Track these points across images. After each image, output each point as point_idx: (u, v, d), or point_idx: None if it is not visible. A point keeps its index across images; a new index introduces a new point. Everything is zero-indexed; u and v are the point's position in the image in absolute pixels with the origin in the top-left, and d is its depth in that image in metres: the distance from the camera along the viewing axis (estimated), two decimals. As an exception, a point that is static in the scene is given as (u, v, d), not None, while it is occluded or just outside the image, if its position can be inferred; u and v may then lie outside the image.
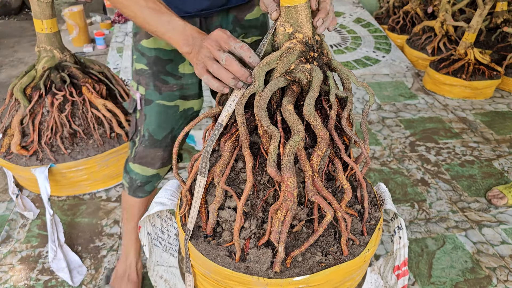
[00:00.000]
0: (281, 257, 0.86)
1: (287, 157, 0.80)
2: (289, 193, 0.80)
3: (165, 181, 1.99)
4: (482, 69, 2.96)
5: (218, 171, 0.89)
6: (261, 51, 0.88)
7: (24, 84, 1.83)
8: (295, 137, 0.80)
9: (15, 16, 5.49)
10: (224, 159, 0.88)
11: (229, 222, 0.95)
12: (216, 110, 0.93)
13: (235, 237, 0.88)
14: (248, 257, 0.92)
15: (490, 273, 1.58)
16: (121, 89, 2.04)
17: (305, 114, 0.83)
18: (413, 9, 4.01)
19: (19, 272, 1.57)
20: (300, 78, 0.85)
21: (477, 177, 2.14)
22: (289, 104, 0.83)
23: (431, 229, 1.79)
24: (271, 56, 0.84)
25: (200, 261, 0.96)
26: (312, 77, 0.85)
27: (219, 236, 0.97)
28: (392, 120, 2.71)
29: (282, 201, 0.81)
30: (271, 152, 0.80)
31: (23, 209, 1.84)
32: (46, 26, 1.78)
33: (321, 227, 0.85)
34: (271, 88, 0.83)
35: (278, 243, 0.83)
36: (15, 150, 1.81)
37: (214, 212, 0.93)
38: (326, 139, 0.83)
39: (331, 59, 0.90)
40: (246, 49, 0.83)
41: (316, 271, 0.89)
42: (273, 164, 0.80)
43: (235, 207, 0.96)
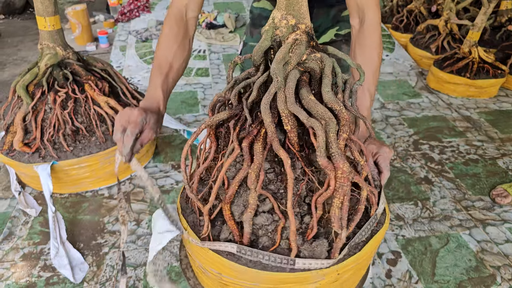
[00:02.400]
0: (342, 242, 0.87)
1: (334, 144, 0.82)
2: (345, 179, 0.81)
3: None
4: (486, 68, 2.94)
5: (254, 176, 0.87)
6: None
7: (27, 81, 1.83)
8: (332, 125, 0.82)
9: (19, 15, 5.50)
10: (257, 163, 0.86)
11: (265, 227, 0.94)
12: (215, 119, 0.94)
13: (291, 238, 0.88)
14: (302, 253, 0.91)
15: (494, 272, 1.57)
16: (123, 86, 2.04)
17: (328, 101, 0.85)
18: (417, 7, 3.99)
19: (21, 269, 1.57)
20: (313, 68, 0.87)
21: (481, 175, 2.13)
22: (310, 94, 0.85)
23: (435, 227, 1.78)
24: (283, 50, 0.84)
25: (246, 276, 0.94)
26: (324, 64, 0.86)
27: (255, 244, 0.96)
28: (395, 119, 2.69)
29: (338, 187, 0.82)
30: (321, 143, 0.81)
31: (26, 206, 1.84)
32: (49, 23, 1.78)
33: (362, 204, 0.89)
34: (293, 82, 0.84)
35: (342, 229, 0.85)
36: (17, 147, 1.81)
37: (250, 221, 0.91)
38: (349, 122, 0.86)
39: (325, 46, 0.91)
40: (126, 140, 1.12)
41: (361, 247, 0.94)
42: (324, 155, 0.81)
43: (270, 210, 0.95)
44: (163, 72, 1.30)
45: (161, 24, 4.08)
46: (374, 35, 1.23)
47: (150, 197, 1.93)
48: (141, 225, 1.77)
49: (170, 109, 2.78)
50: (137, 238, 1.71)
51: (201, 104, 2.86)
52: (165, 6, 4.56)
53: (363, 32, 1.23)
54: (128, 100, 2.03)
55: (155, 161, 2.20)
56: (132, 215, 1.83)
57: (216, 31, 4.04)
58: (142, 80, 3.22)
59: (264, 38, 0.87)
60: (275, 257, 0.89)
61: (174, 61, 1.31)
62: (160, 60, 1.31)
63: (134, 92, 2.11)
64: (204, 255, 1.00)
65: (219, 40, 3.91)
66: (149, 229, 1.75)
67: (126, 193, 1.97)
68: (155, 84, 1.29)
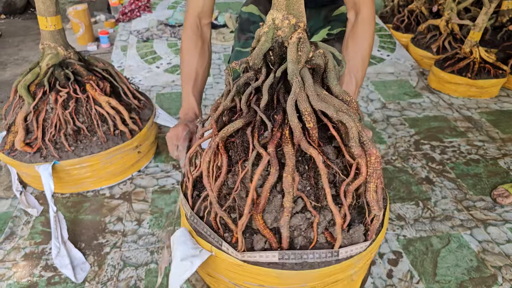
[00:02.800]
0: (379, 222, 0.93)
1: (363, 133, 0.87)
2: (378, 163, 0.86)
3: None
4: (487, 68, 2.94)
5: (290, 179, 0.87)
6: None
7: (28, 81, 1.83)
8: (354, 116, 0.88)
9: (20, 15, 5.51)
10: (291, 165, 0.88)
11: (299, 227, 0.95)
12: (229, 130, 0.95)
13: (338, 230, 0.90)
14: (342, 243, 0.94)
15: (495, 272, 1.57)
16: (125, 86, 2.04)
17: (338, 93, 0.89)
18: (418, 7, 3.99)
19: (22, 269, 1.57)
20: (319, 64, 0.89)
21: (483, 175, 2.13)
22: (322, 90, 0.89)
23: (436, 227, 1.78)
24: (293, 50, 0.86)
25: (293, 280, 0.96)
26: (327, 59, 0.88)
27: (293, 247, 0.97)
28: (396, 119, 2.69)
29: (372, 172, 0.86)
30: (354, 134, 0.85)
31: (27, 206, 1.85)
32: (50, 23, 1.78)
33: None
34: (310, 80, 0.87)
35: (381, 210, 0.90)
36: (19, 147, 1.81)
37: (287, 225, 0.92)
38: (357, 110, 0.89)
39: (315, 41, 0.94)
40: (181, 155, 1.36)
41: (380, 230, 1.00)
42: (358, 144, 0.86)
43: (302, 209, 0.96)
44: (191, 79, 1.49)
45: (162, 24, 4.08)
46: (367, 27, 1.35)
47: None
48: (142, 225, 1.77)
49: (170, 109, 2.78)
50: (138, 238, 1.71)
51: (202, 105, 2.85)
52: (165, 6, 4.57)
53: (357, 24, 1.35)
54: (129, 100, 2.03)
55: (156, 161, 2.20)
56: (133, 215, 1.83)
57: (217, 31, 4.04)
58: (143, 80, 3.22)
59: (264, 40, 0.87)
60: (319, 253, 0.91)
61: (199, 67, 1.49)
62: (187, 69, 1.49)
63: (135, 92, 2.11)
64: (241, 270, 0.99)
65: (220, 40, 3.91)
66: (150, 229, 1.75)
67: (128, 192, 1.97)
68: (187, 92, 1.51)
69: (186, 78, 1.50)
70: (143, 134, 2.01)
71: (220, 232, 1.01)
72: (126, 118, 1.93)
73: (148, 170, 2.13)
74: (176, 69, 3.38)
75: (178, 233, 1.09)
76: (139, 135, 1.99)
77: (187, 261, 0.98)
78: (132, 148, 1.98)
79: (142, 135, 2.00)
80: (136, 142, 1.99)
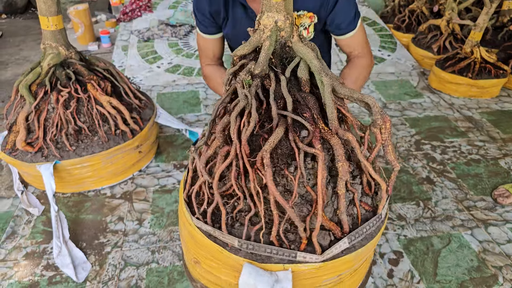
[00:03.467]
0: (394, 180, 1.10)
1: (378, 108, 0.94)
2: (389, 130, 0.95)
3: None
4: (488, 68, 2.94)
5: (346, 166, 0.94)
6: None
7: (30, 81, 1.83)
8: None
9: (21, 15, 5.51)
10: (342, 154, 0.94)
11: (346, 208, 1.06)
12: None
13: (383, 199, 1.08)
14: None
15: (496, 272, 1.57)
16: (126, 86, 2.04)
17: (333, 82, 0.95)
18: (419, 7, 3.99)
19: (24, 268, 1.58)
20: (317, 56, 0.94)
21: (483, 175, 2.13)
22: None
23: (437, 227, 1.78)
24: (306, 48, 0.87)
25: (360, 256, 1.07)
26: (316, 50, 0.93)
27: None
28: (397, 119, 2.69)
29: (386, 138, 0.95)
30: (377, 108, 0.93)
31: (28, 206, 1.85)
32: (51, 23, 1.78)
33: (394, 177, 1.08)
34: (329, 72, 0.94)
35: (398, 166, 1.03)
36: (20, 146, 1.81)
37: (345, 210, 1.01)
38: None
39: None
40: None
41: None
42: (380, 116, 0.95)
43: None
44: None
45: (163, 23, 4.08)
46: (365, 70, 1.56)
47: None
48: (143, 224, 1.78)
49: (172, 108, 2.79)
50: (139, 237, 1.71)
51: (203, 104, 2.86)
52: (166, 6, 4.57)
53: (356, 65, 1.55)
54: (130, 99, 2.04)
55: (157, 161, 2.21)
56: (134, 215, 1.83)
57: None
58: (144, 79, 3.22)
59: (269, 45, 0.86)
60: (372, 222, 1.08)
61: None
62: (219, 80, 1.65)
63: (136, 91, 2.11)
64: (320, 271, 1.02)
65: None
66: (151, 229, 1.75)
67: (129, 192, 1.97)
68: None
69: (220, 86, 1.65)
70: (144, 134, 2.01)
71: (286, 245, 1.00)
72: (127, 117, 1.93)
73: (149, 170, 2.13)
74: (176, 69, 3.39)
75: (246, 272, 1.00)
76: (140, 135, 1.99)
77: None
78: (133, 147, 1.98)
79: (143, 134, 2.01)
80: (137, 141, 1.99)
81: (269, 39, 0.86)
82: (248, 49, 0.89)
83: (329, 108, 0.90)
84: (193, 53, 3.65)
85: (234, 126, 0.89)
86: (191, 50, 3.71)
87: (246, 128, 0.89)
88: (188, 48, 3.75)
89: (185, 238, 1.22)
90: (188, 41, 3.88)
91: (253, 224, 1.02)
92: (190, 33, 4.01)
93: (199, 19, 1.57)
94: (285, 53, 0.90)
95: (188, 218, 1.13)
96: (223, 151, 0.93)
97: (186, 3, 4.62)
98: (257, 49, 0.91)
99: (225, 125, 0.93)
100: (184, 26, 4.05)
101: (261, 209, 0.94)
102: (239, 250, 1.01)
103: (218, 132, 0.91)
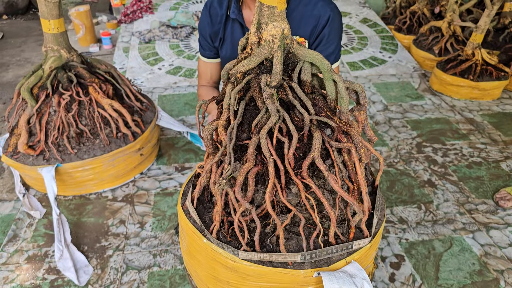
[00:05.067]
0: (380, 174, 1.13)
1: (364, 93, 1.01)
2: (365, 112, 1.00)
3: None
4: (489, 70, 2.94)
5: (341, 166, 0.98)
6: None
7: (31, 84, 1.84)
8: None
9: (22, 16, 5.52)
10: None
11: None
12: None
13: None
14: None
15: (498, 276, 1.57)
16: (127, 89, 2.04)
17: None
18: (420, 9, 3.98)
19: (25, 271, 1.58)
20: None
21: (485, 178, 2.13)
22: None
23: (438, 231, 1.78)
24: (311, 51, 0.90)
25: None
26: None
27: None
28: (398, 121, 2.69)
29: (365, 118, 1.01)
30: (364, 93, 0.99)
31: (30, 209, 1.85)
32: (53, 26, 1.79)
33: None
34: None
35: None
36: (22, 149, 1.82)
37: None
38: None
39: None
40: None
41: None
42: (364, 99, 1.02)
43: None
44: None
45: (164, 25, 4.08)
46: None
47: None
48: (145, 227, 1.78)
49: (173, 110, 2.79)
50: (141, 240, 1.71)
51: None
52: (167, 7, 4.57)
53: None
54: (132, 102, 2.04)
55: (158, 163, 2.21)
56: (135, 218, 1.83)
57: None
58: (145, 81, 3.22)
59: (280, 54, 0.86)
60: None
61: None
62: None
63: (137, 94, 2.11)
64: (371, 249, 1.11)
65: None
66: (153, 232, 1.75)
67: (130, 195, 1.97)
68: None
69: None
70: (145, 137, 2.01)
71: (342, 240, 1.06)
72: (129, 120, 1.93)
73: (150, 173, 2.14)
74: (177, 70, 3.39)
75: (327, 280, 1.00)
76: (142, 138, 1.99)
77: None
78: (134, 150, 1.99)
79: (144, 137, 2.01)
80: (139, 144, 1.99)
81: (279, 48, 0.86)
82: (255, 63, 0.88)
83: (345, 102, 0.92)
84: (194, 55, 3.65)
85: (266, 143, 0.88)
86: (192, 51, 3.71)
87: (288, 142, 0.89)
88: (189, 49, 3.75)
89: (222, 277, 1.12)
90: (189, 42, 3.88)
91: (299, 235, 1.03)
92: (191, 35, 4.01)
93: (201, 43, 1.61)
94: (287, 60, 0.90)
95: (230, 255, 1.04)
96: (252, 173, 0.91)
97: (187, 4, 4.62)
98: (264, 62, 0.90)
99: (256, 145, 0.91)
100: (185, 27, 4.05)
101: (315, 216, 0.95)
102: (303, 264, 1.00)
103: (250, 154, 0.89)
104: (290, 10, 1.39)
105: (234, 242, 1.03)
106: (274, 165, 0.89)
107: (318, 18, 1.38)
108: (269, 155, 0.88)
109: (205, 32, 1.54)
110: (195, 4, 4.66)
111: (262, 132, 0.88)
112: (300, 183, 0.90)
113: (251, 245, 1.00)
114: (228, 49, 1.53)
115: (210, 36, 1.54)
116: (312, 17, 1.39)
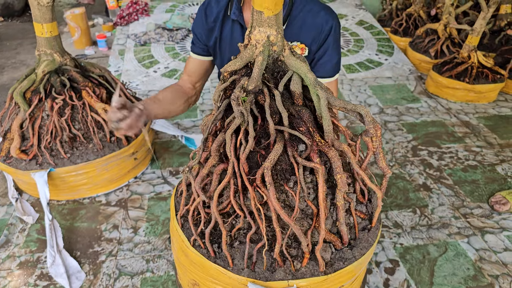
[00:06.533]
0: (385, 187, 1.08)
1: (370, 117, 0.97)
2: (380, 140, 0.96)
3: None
4: (485, 73, 2.93)
5: (344, 178, 0.96)
6: None
7: (24, 88, 1.82)
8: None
9: (18, 17, 5.50)
10: (340, 166, 0.96)
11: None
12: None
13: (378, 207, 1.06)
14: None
15: (492, 281, 1.56)
16: (121, 92, 2.03)
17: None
18: (416, 11, 3.99)
19: (17, 278, 1.56)
20: None
21: (480, 182, 2.12)
22: None
23: (433, 235, 1.77)
24: (299, 62, 0.87)
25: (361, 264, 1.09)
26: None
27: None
28: (394, 124, 2.69)
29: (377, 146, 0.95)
30: (370, 117, 0.95)
31: (23, 214, 1.84)
32: (46, 30, 1.78)
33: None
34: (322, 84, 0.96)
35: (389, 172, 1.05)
36: (14, 154, 1.80)
37: (344, 220, 1.03)
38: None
39: None
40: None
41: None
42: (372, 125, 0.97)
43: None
44: (157, 98, 1.56)
45: (160, 27, 4.07)
46: None
47: None
48: (138, 232, 1.77)
49: (168, 114, 2.77)
50: (134, 246, 1.70)
51: (199, 109, 2.85)
52: (163, 9, 4.56)
53: None
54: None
55: (152, 168, 2.20)
56: (129, 222, 1.82)
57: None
58: (140, 84, 3.21)
59: (262, 60, 0.85)
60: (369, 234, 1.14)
61: (168, 100, 1.58)
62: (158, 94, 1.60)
63: (132, 98, 2.10)
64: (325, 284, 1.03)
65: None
66: (146, 237, 1.74)
67: (124, 199, 1.96)
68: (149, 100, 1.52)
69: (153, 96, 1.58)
70: (139, 141, 2.00)
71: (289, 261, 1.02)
72: (123, 124, 1.92)
73: (144, 177, 2.12)
74: (173, 73, 3.38)
75: None
76: (135, 142, 1.98)
77: None
78: (128, 155, 1.97)
79: (138, 141, 2.00)
80: (132, 149, 1.98)
81: (262, 54, 0.85)
82: (239, 64, 0.88)
83: (326, 121, 0.90)
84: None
85: (230, 144, 0.88)
86: (188, 54, 3.70)
87: (244, 146, 0.87)
88: (185, 52, 3.74)
89: (182, 261, 1.19)
90: (185, 45, 3.87)
91: (252, 242, 1.00)
92: (187, 37, 4.00)
93: (193, 39, 1.60)
94: (277, 68, 0.89)
95: (185, 241, 1.11)
96: (218, 169, 0.92)
97: (183, 6, 4.61)
98: (249, 65, 0.89)
99: (220, 143, 0.91)
100: (181, 30, 4.04)
101: (263, 227, 0.93)
102: (242, 270, 1.00)
103: (213, 150, 0.90)
104: (292, 16, 1.40)
105: (196, 229, 1.07)
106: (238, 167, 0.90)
107: (321, 27, 1.39)
108: (230, 156, 0.89)
109: (198, 28, 1.54)
110: (191, 7, 4.66)
111: (227, 132, 0.89)
112: (251, 190, 0.89)
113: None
114: (227, 49, 1.53)
115: (203, 33, 1.54)
116: (314, 26, 1.39)
